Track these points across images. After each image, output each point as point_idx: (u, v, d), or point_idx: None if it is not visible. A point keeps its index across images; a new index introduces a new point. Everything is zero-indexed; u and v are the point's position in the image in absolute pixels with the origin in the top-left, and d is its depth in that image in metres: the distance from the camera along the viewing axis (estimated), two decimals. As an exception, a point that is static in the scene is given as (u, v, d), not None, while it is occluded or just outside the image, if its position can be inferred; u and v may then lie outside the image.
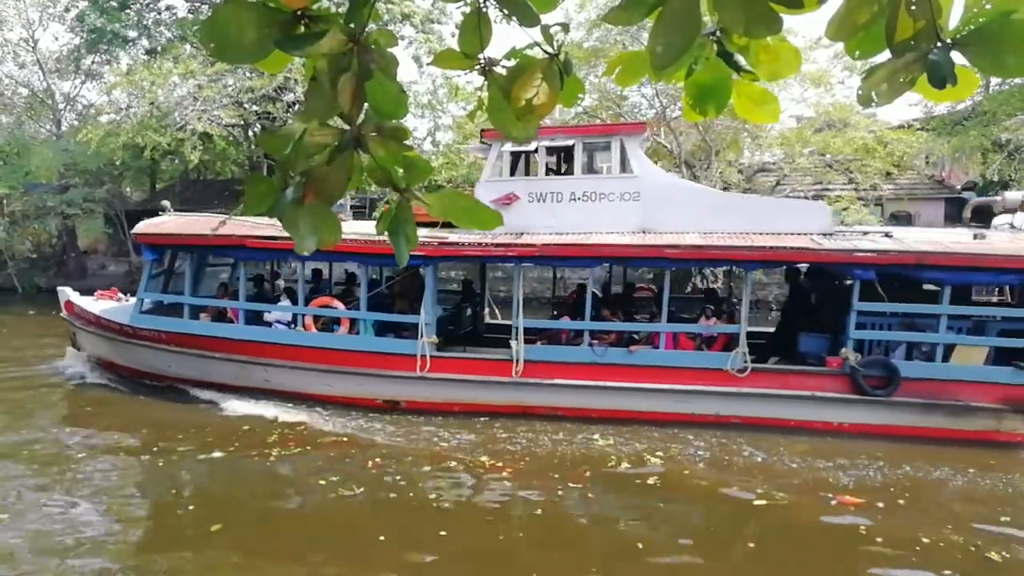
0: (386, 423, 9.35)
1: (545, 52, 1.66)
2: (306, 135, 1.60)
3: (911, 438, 8.55)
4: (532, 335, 10.13)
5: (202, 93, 20.96)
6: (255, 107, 21.83)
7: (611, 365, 9.40)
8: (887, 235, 9.33)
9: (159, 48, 24.23)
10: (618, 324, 9.83)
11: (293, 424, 9.24)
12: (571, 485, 7.23)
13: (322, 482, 7.23)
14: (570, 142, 10.27)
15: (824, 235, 9.25)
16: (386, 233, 1.67)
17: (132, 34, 25.22)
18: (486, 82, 1.73)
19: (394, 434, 8.92)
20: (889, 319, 8.93)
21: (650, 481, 7.40)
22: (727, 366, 9.07)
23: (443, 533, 6.14)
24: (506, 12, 1.60)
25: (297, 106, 23.30)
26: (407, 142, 1.70)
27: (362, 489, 7.03)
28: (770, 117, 1.71)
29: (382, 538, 5.99)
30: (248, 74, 21.12)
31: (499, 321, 12.87)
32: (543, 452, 8.30)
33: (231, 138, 24.07)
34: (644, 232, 9.72)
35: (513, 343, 9.55)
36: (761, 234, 9.27)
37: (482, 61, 1.70)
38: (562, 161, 11.21)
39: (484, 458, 8.02)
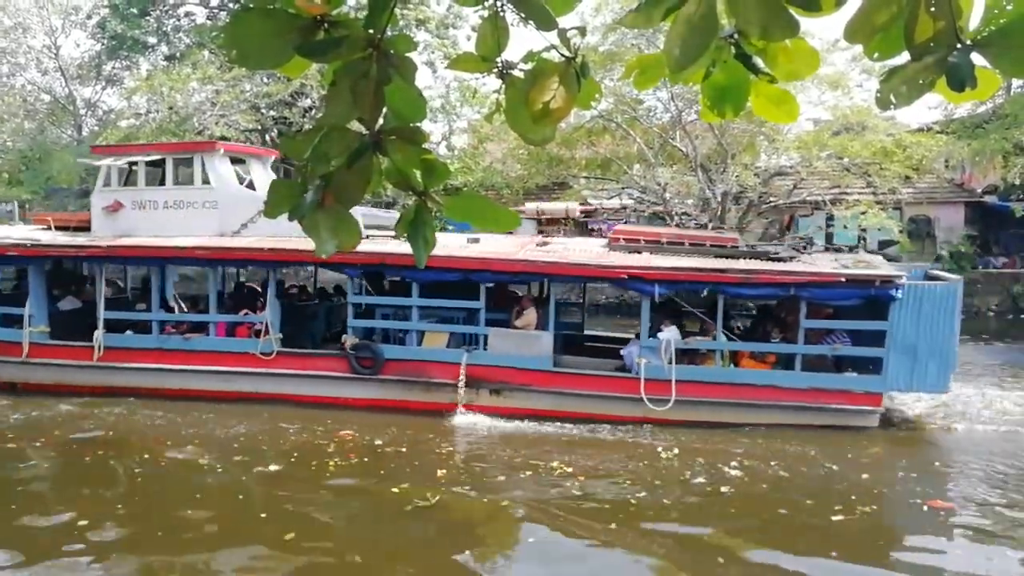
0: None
1: (562, 55, 1.67)
2: (326, 139, 1.62)
3: (397, 409, 10.11)
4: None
5: (220, 98, 21.19)
6: (272, 112, 22.05)
7: (174, 351, 11.04)
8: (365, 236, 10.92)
9: (178, 54, 24.52)
10: (194, 316, 11.78)
11: None
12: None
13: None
14: (162, 157, 11.86)
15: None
16: (405, 236, 1.69)
17: (152, 40, 25.56)
18: (503, 85, 1.75)
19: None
20: (385, 310, 10.63)
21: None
22: (256, 350, 10.64)
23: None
24: (523, 16, 1.61)
25: (313, 111, 23.49)
26: (425, 145, 1.72)
27: None
28: (788, 117, 1.71)
29: None
30: (265, 79, 21.33)
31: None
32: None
33: (248, 143, 24.27)
34: (221, 235, 11.16)
35: (97, 333, 11.04)
36: (274, 236, 10.64)
37: (499, 64, 1.72)
38: (159, 174, 12.32)
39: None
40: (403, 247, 9.65)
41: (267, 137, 23.94)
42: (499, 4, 1.60)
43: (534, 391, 9.93)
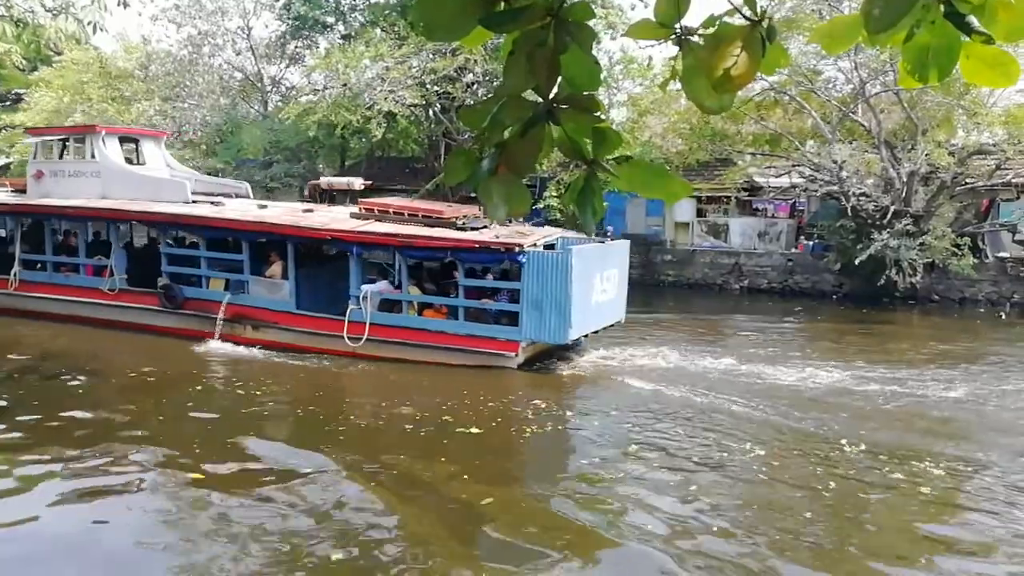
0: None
1: (746, 19, 1.60)
2: (502, 109, 1.66)
3: (191, 336, 12.57)
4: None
5: (389, 74, 22.19)
6: (436, 87, 22.79)
7: (59, 285, 14.14)
8: (214, 203, 13.77)
9: (353, 33, 25.89)
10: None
11: None
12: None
13: None
14: (66, 136, 15.07)
15: (185, 203, 13.47)
16: (573, 204, 1.70)
17: (330, 20, 27.14)
18: (680, 52, 1.70)
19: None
20: (203, 261, 13.09)
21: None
22: (104, 286, 13.58)
23: None
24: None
25: (475, 86, 24.04)
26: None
27: None
28: (1006, 79, 1.53)
29: None
30: (431, 56, 22.06)
31: None
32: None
33: (413, 117, 25.31)
34: (103, 198, 13.96)
35: (14, 269, 14.32)
36: (135, 200, 13.65)
37: (678, 30, 1.67)
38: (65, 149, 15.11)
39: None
40: (196, 209, 13.20)
41: (431, 112, 24.82)
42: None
43: (280, 328, 12.31)
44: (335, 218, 12.57)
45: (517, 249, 10.66)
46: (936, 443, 8.09)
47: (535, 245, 10.99)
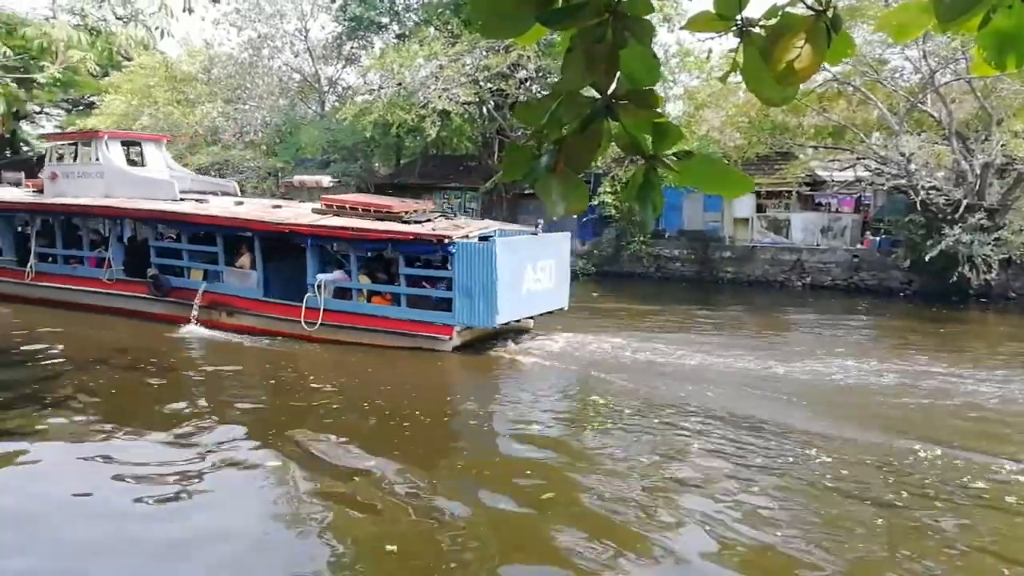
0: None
1: (811, 9, 1.56)
2: (560, 106, 1.66)
3: (175, 321, 13.83)
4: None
5: (443, 73, 22.38)
6: (489, 85, 22.88)
7: (65, 275, 15.73)
8: (199, 201, 14.83)
9: (407, 32, 26.21)
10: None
11: None
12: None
13: None
14: (72, 141, 16.42)
15: (173, 201, 14.71)
16: (634, 200, 1.69)
17: (385, 20, 27.53)
18: (741, 44, 1.67)
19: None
20: (185, 253, 14.34)
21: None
22: (103, 276, 15.10)
23: None
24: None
25: (528, 82, 24.03)
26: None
27: None
28: (1093, 67, 1.45)
29: None
30: (485, 53, 22.15)
31: None
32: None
33: (467, 115, 25.47)
34: (106, 197, 15.25)
35: (30, 261, 16.02)
36: (133, 199, 14.96)
37: (739, 22, 1.64)
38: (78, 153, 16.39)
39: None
40: (179, 206, 14.31)
41: (484, 109, 24.94)
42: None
43: (249, 314, 13.42)
44: (298, 213, 13.59)
45: (447, 240, 11.51)
46: (1022, 452, 7.72)
47: (467, 237, 11.69)
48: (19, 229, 17.30)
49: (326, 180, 16.14)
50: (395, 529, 5.81)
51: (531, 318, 12.97)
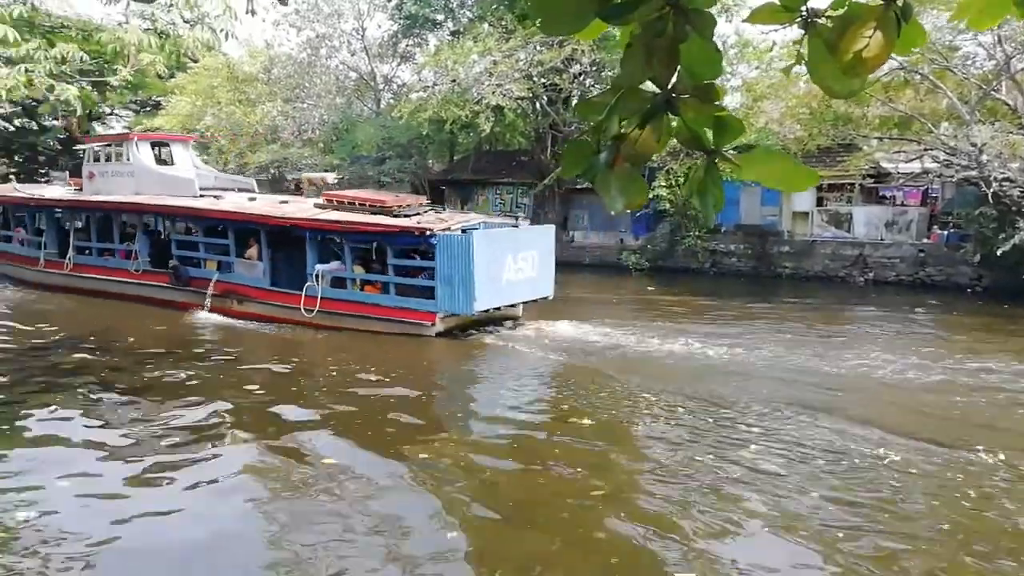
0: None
1: (880, -2, 1.52)
2: (620, 101, 1.65)
3: (191, 307, 14.92)
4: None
5: (496, 68, 22.43)
6: (543, 79, 22.84)
7: (98, 266, 17.07)
8: (216, 197, 15.91)
9: (461, 29, 26.36)
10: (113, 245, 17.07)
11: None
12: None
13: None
14: (107, 143, 17.80)
15: (193, 197, 15.86)
16: (695, 194, 1.67)
17: (439, 17, 27.74)
18: (805, 35, 1.64)
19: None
20: (201, 246, 15.57)
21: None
22: (131, 267, 16.19)
23: None
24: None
25: (582, 76, 23.90)
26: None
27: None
28: None
29: None
30: (539, 48, 22.11)
31: None
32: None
33: (520, 110, 25.48)
34: (136, 194, 16.42)
35: (69, 254, 17.51)
36: (159, 196, 16.09)
37: (804, 13, 1.61)
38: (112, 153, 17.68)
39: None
40: (195, 202, 15.46)
41: (537, 104, 24.91)
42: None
43: (256, 301, 14.33)
44: (301, 208, 14.45)
45: (429, 232, 12.25)
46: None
47: (448, 229, 12.36)
48: (60, 224, 18.63)
49: (330, 177, 17.07)
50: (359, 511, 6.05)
51: (513, 306, 13.53)
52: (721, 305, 16.94)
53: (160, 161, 17.57)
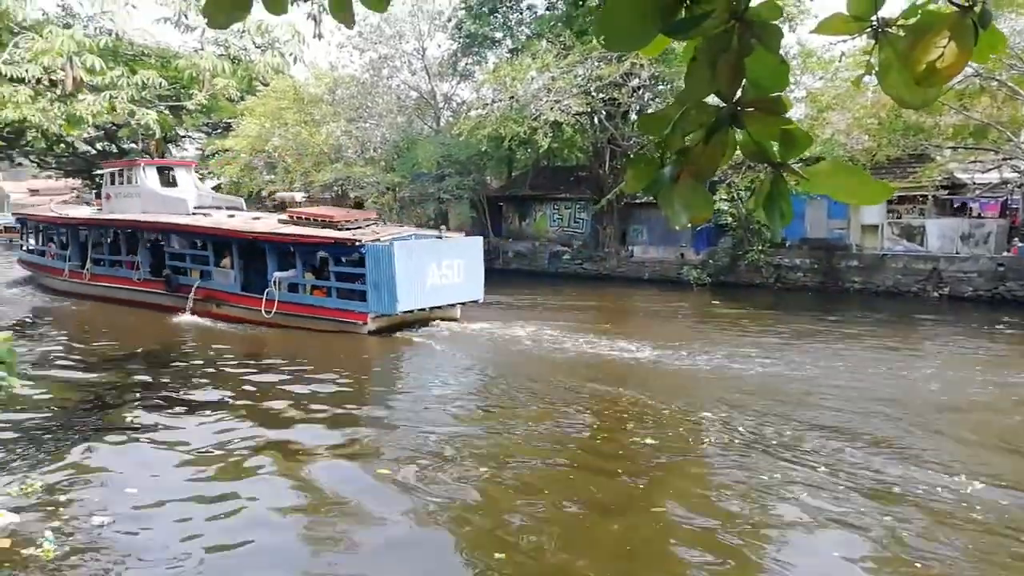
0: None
1: (955, 5, 1.48)
2: (684, 115, 1.65)
3: (178, 310, 17.05)
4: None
5: (555, 85, 22.53)
6: (601, 95, 22.81)
7: (109, 275, 19.83)
8: (204, 215, 18.29)
9: (520, 46, 26.59)
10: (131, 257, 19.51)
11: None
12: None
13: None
14: (120, 168, 20.68)
15: (187, 215, 18.25)
16: (762, 208, 1.66)
17: (498, 35, 28.07)
18: (876, 46, 1.61)
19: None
20: (188, 256, 18.02)
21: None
22: (134, 277, 18.88)
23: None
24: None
25: (641, 90, 23.77)
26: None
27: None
28: None
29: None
30: (597, 63, 22.11)
31: None
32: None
33: (578, 126, 25.49)
34: (143, 213, 18.96)
35: (87, 265, 20.41)
36: (160, 214, 18.57)
37: (874, 23, 1.58)
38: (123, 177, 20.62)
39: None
40: (184, 220, 17.76)
41: (595, 119, 24.88)
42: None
43: (229, 305, 16.40)
44: (267, 224, 16.54)
45: (359, 243, 14.18)
46: None
47: (377, 240, 14.14)
48: (81, 240, 21.50)
49: (299, 196, 21.02)
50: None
51: (452, 306, 15.42)
52: (791, 319, 16.52)
53: (167, 183, 20.05)
